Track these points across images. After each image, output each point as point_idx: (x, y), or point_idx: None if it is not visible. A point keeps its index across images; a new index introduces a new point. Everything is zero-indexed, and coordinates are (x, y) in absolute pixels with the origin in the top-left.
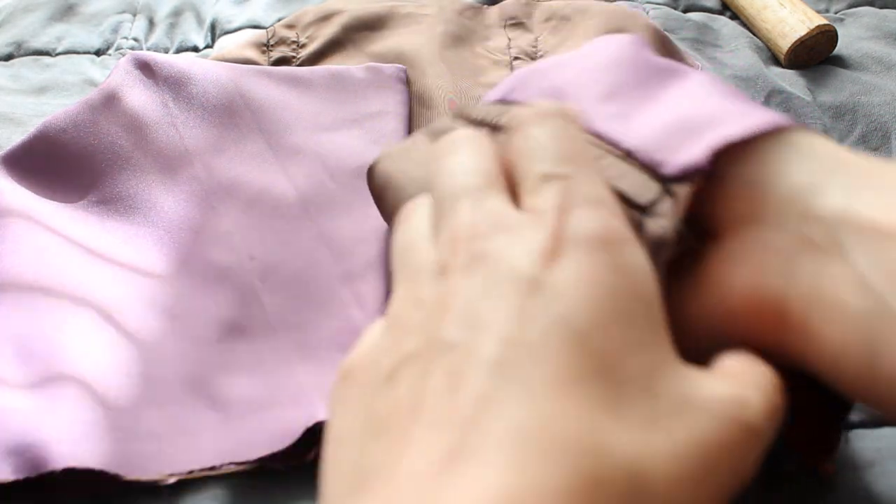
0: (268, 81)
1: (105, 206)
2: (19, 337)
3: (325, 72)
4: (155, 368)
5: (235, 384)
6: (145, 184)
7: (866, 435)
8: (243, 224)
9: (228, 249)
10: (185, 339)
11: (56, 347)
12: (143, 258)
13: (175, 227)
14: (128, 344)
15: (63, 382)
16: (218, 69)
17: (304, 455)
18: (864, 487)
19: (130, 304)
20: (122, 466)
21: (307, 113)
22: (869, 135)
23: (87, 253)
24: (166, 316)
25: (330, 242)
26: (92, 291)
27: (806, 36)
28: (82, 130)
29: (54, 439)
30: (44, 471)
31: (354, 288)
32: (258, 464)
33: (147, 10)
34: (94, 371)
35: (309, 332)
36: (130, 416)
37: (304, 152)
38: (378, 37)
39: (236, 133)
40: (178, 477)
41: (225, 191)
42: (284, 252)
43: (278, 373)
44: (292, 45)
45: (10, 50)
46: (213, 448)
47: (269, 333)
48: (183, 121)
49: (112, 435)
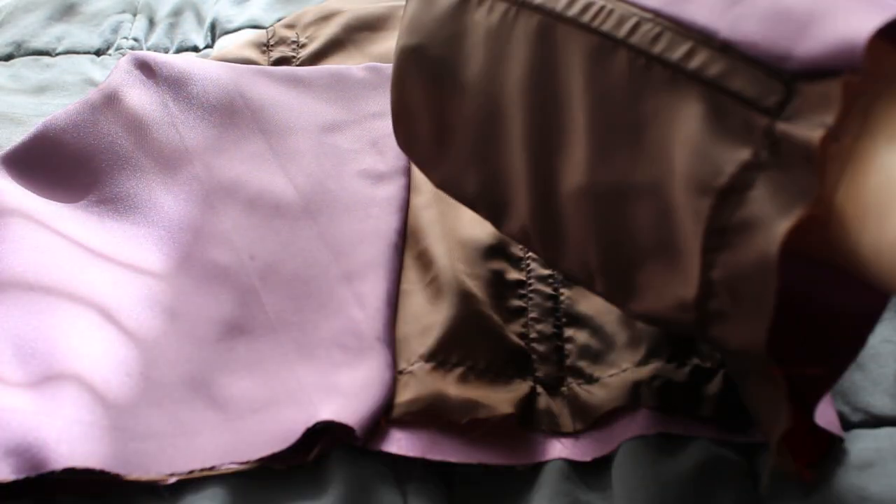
0: (268, 81)
1: (105, 206)
2: (19, 337)
3: (325, 72)
4: (155, 368)
5: (235, 384)
6: (145, 184)
7: (866, 435)
8: (243, 224)
9: (228, 249)
10: (185, 338)
11: (56, 347)
12: (143, 258)
13: (175, 226)
14: (128, 343)
15: (63, 382)
16: (218, 69)
17: (304, 455)
18: (864, 487)
19: (130, 304)
20: (122, 466)
21: (307, 113)
22: None
23: (87, 253)
24: (166, 315)
25: (330, 242)
26: (92, 291)
27: None
28: (82, 130)
29: (54, 439)
30: (44, 471)
31: (354, 288)
32: (258, 464)
33: (147, 10)
34: (94, 371)
35: (309, 332)
36: (130, 415)
37: (304, 152)
38: (378, 37)
39: (236, 133)
40: (178, 477)
41: (225, 191)
42: (284, 252)
43: (278, 372)
44: (292, 45)
45: (10, 50)
46: (213, 448)
47: (269, 333)
48: (183, 121)
49: (112, 435)
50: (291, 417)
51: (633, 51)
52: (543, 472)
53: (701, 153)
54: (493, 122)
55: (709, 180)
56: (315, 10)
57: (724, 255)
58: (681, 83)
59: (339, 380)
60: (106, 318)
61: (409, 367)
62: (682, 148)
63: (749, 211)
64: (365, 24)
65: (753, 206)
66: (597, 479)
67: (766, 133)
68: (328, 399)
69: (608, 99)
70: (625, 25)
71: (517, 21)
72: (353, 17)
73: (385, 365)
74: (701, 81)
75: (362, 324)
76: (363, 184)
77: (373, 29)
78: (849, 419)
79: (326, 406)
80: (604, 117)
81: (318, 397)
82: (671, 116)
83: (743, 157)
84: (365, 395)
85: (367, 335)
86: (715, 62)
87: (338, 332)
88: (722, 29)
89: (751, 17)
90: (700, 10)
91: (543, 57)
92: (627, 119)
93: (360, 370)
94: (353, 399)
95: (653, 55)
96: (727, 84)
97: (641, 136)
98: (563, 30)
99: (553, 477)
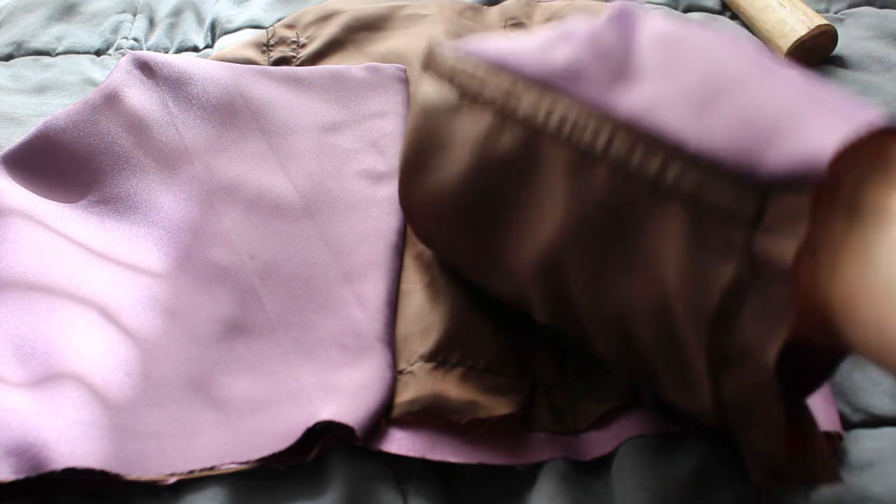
0: (268, 81)
1: (105, 206)
2: (20, 336)
3: (325, 72)
4: (155, 368)
5: (235, 384)
6: (145, 184)
7: (866, 435)
8: (243, 224)
9: (228, 249)
10: (185, 338)
11: (56, 347)
12: (143, 258)
13: (175, 226)
14: (128, 343)
15: (63, 382)
16: (218, 69)
17: (304, 455)
18: (864, 487)
19: (130, 304)
20: (122, 466)
21: (307, 113)
22: None
23: (88, 252)
24: (166, 315)
25: (330, 242)
26: (92, 291)
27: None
28: (82, 130)
29: (54, 439)
30: (44, 471)
31: (354, 288)
32: (258, 464)
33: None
34: (95, 370)
35: (309, 332)
36: (130, 415)
37: (304, 152)
38: (378, 37)
39: (236, 133)
40: (179, 477)
41: (225, 191)
42: (284, 252)
43: (278, 372)
44: (292, 45)
45: (10, 50)
46: (213, 448)
47: (269, 333)
48: (183, 120)
49: (112, 435)
50: (291, 417)
51: (612, 165)
52: (543, 472)
53: (689, 274)
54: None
55: (700, 304)
56: (315, 10)
57: (727, 379)
58: (661, 197)
59: (339, 380)
60: (106, 318)
61: (409, 367)
62: (672, 267)
63: (741, 337)
64: (365, 24)
65: (745, 332)
66: (597, 479)
67: (746, 249)
68: (328, 399)
69: (594, 217)
70: (600, 138)
71: (503, 130)
72: (353, 17)
73: (385, 365)
74: (679, 194)
75: (362, 324)
76: (363, 184)
77: (373, 29)
78: (849, 419)
79: (326, 406)
80: (593, 235)
81: (318, 397)
82: (657, 232)
83: (727, 277)
84: (365, 395)
85: (367, 335)
86: (689, 174)
87: (338, 332)
88: (692, 138)
89: (718, 127)
90: (669, 118)
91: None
92: (616, 237)
93: (360, 370)
94: (353, 399)
95: (630, 169)
96: (703, 196)
97: (633, 255)
98: (545, 143)
99: (553, 477)
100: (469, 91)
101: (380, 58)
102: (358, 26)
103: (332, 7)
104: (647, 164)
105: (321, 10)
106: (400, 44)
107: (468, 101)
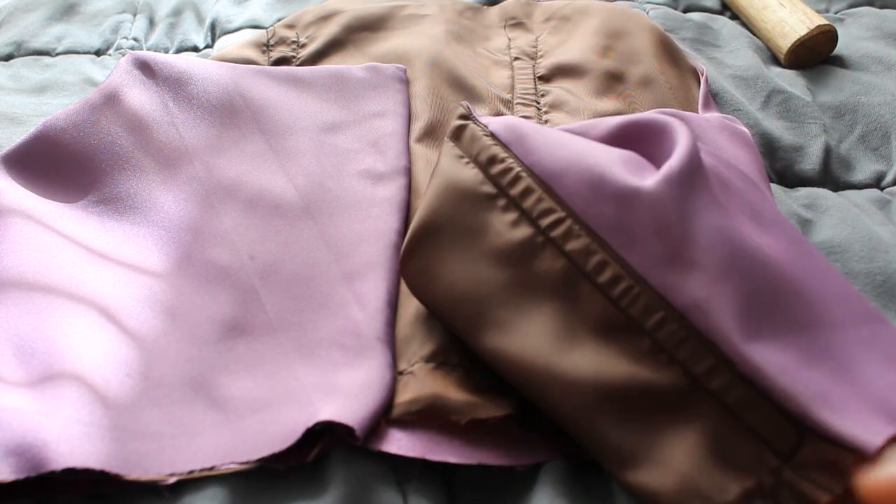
0: (268, 81)
1: (105, 206)
2: (20, 336)
3: (325, 72)
4: (155, 368)
5: (235, 384)
6: (145, 183)
7: None
8: (243, 224)
9: (228, 249)
10: (185, 338)
11: (56, 347)
12: (144, 257)
13: (175, 226)
14: (128, 343)
15: (63, 382)
16: (218, 69)
17: (304, 455)
18: None
19: (131, 304)
20: (122, 466)
21: (307, 113)
22: (869, 134)
23: (88, 252)
24: (166, 315)
25: (330, 242)
26: (92, 291)
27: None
28: (82, 130)
29: (54, 439)
30: (44, 471)
31: (354, 288)
32: (258, 464)
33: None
34: (95, 370)
35: (309, 332)
36: (130, 415)
37: (304, 152)
38: (378, 37)
39: (236, 133)
40: (179, 477)
41: (225, 190)
42: (284, 252)
43: (278, 372)
44: (292, 45)
45: (10, 50)
46: (213, 448)
47: (269, 333)
48: (183, 120)
49: (112, 435)
50: (291, 417)
51: (658, 346)
52: (543, 473)
53: (706, 470)
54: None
55: (713, 497)
56: (315, 10)
57: None
58: (697, 395)
59: (338, 380)
60: (106, 318)
61: (409, 367)
62: (685, 459)
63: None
64: (365, 24)
65: None
66: (597, 479)
67: (774, 473)
68: (328, 399)
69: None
70: (652, 318)
71: (542, 252)
72: (353, 17)
73: (385, 365)
74: (717, 400)
75: (362, 324)
76: (363, 184)
77: (373, 29)
78: None
79: (326, 406)
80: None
81: (318, 397)
82: (680, 423)
83: (747, 485)
84: (365, 396)
85: (367, 335)
86: (734, 389)
87: (338, 332)
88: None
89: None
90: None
91: (562, 305)
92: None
93: (360, 370)
94: (353, 399)
95: (676, 359)
96: (743, 415)
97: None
98: (588, 289)
99: (553, 477)
100: (508, 193)
101: (380, 58)
102: (358, 26)
103: (332, 7)
104: (695, 360)
105: (321, 10)
106: (400, 44)
107: (505, 202)
